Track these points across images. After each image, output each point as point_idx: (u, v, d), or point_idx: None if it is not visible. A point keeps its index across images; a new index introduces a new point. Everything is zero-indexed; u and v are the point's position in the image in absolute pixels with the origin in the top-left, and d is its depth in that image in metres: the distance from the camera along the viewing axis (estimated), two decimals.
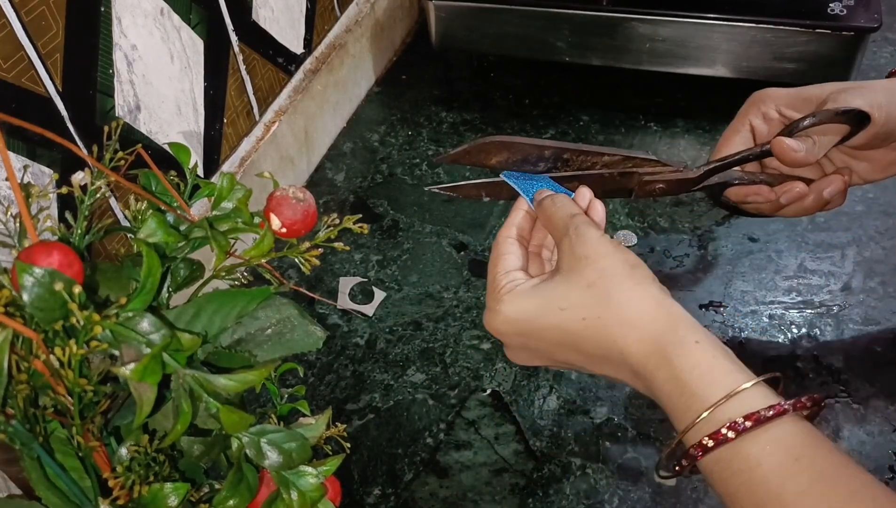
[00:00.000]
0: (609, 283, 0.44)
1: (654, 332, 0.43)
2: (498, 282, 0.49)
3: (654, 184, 0.59)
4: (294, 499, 0.44)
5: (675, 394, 0.42)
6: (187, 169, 0.49)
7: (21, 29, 0.54)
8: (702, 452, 0.40)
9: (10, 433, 0.40)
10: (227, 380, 0.40)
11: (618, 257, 0.45)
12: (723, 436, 0.39)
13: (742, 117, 0.63)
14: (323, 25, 0.96)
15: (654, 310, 0.43)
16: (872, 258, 0.81)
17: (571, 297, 0.45)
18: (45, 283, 0.36)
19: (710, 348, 0.42)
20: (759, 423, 0.38)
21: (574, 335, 0.45)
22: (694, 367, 0.41)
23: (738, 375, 0.41)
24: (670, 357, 0.42)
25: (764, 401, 0.39)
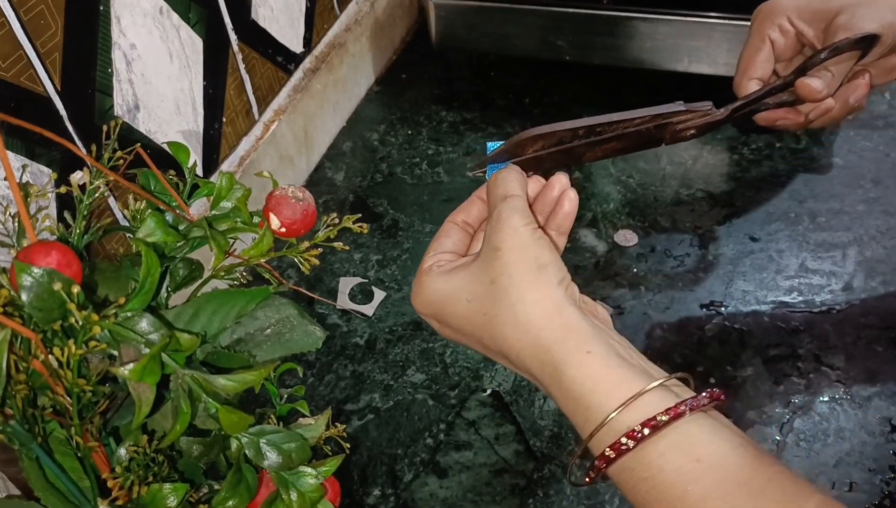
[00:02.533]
0: (509, 282, 0.42)
1: (545, 340, 0.41)
2: (424, 261, 0.48)
3: (685, 131, 0.62)
4: (293, 500, 0.44)
5: (571, 406, 0.41)
6: (186, 168, 0.49)
7: (20, 28, 0.54)
8: (605, 463, 0.39)
9: (9, 434, 0.40)
10: (226, 380, 0.40)
11: (528, 253, 0.43)
12: (623, 445, 0.38)
13: (759, 34, 0.63)
14: (322, 24, 0.96)
15: (548, 317, 0.41)
16: (874, 258, 0.80)
17: (476, 290, 0.44)
18: (43, 283, 0.36)
19: (603, 357, 0.40)
20: (657, 428, 0.37)
21: (476, 327, 0.44)
22: (586, 379, 0.40)
23: (635, 381, 0.39)
24: (562, 370, 0.40)
25: (663, 405, 0.38)
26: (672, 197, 0.89)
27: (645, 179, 0.91)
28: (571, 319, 0.41)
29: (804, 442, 0.67)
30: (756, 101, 0.63)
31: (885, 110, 0.97)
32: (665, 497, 0.37)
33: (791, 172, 0.90)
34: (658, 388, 0.39)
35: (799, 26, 0.61)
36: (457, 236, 0.50)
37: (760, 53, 0.63)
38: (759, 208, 0.87)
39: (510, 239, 0.43)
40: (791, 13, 0.61)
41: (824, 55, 0.58)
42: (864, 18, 0.57)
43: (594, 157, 0.58)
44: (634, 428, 0.38)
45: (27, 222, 0.39)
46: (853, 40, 0.57)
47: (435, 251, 0.48)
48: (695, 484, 0.36)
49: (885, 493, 0.63)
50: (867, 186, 0.88)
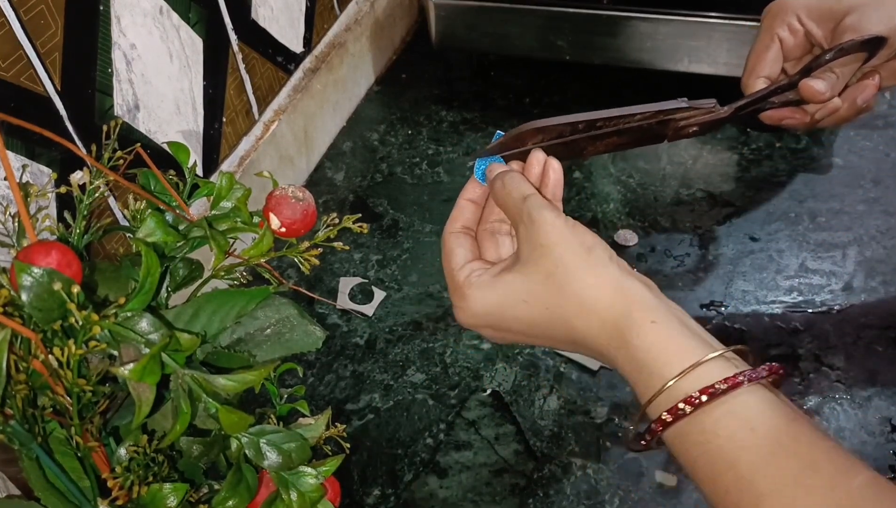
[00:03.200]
0: (565, 272, 0.44)
1: (612, 316, 0.43)
2: (456, 278, 0.49)
3: (687, 128, 0.62)
4: (293, 500, 0.44)
5: (635, 373, 0.42)
6: (186, 168, 0.49)
7: (20, 28, 0.54)
8: (661, 427, 0.41)
9: (9, 434, 0.40)
10: (226, 380, 0.40)
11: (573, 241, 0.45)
12: (680, 410, 0.40)
13: (769, 32, 0.63)
14: (322, 24, 0.96)
15: (611, 294, 0.44)
16: (874, 258, 0.80)
17: (532, 289, 0.45)
18: (43, 283, 0.36)
19: (666, 327, 0.42)
20: (714, 396, 0.39)
21: (542, 323, 0.46)
22: (651, 346, 0.42)
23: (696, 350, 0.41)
24: (627, 339, 0.42)
25: (721, 374, 0.39)
26: (672, 197, 0.89)
27: (645, 179, 0.91)
28: (634, 291, 0.44)
29: None
30: (761, 99, 0.63)
31: (885, 110, 0.97)
32: (717, 462, 0.39)
33: (791, 172, 0.90)
34: (717, 358, 0.40)
35: (808, 25, 0.61)
36: (466, 244, 0.51)
37: (769, 52, 0.63)
38: (759, 208, 0.87)
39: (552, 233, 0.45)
40: (801, 12, 0.61)
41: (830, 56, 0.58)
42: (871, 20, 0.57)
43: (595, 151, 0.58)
44: (692, 394, 0.39)
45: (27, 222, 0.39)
46: (859, 42, 0.57)
47: (460, 265, 0.49)
48: (747, 452, 0.38)
49: None
50: (867, 186, 0.88)
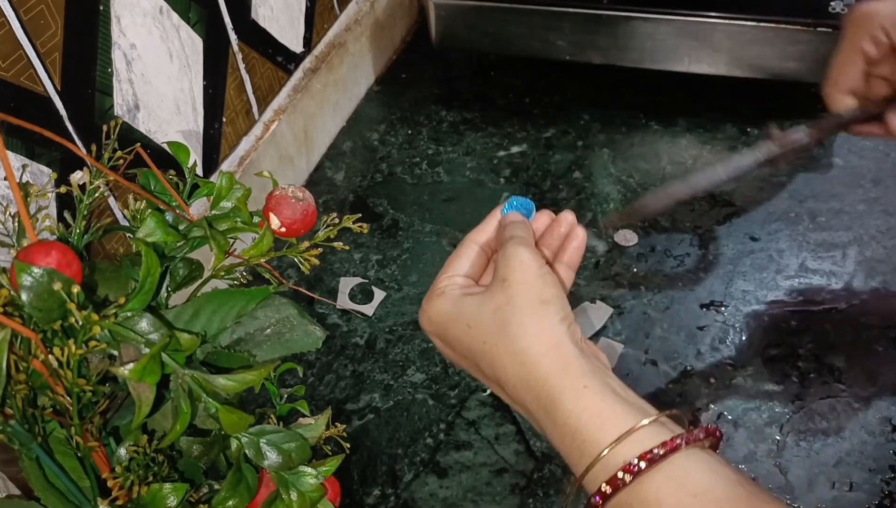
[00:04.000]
0: (511, 313, 0.43)
1: (543, 373, 0.41)
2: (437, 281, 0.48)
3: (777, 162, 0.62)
4: (293, 500, 0.44)
5: (567, 441, 0.40)
6: (186, 168, 0.49)
7: (20, 28, 0.54)
8: (601, 499, 0.39)
9: (9, 434, 0.40)
10: (226, 380, 0.40)
11: (533, 288, 0.44)
12: (620, 480, 0.38)
13: (852, 44, 0.60)
14: (322, 24, 0.96)
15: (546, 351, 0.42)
16: (874, 258, 0.80)
17: (479, 317, 0.44)
18: (43, 282, 0.36)
19: (599, 392, 0.40)
20: (654, 462, 0.37)
21: (475, 354, 0.45)
22: (583, 411, 0.40)
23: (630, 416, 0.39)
24: (557, 402, 0.40)
25: (658, 438, 0.38)
26: None
27: (645, 179, 0.91)
28: (569, 355, 0.41)
29: (804, 442, 0.67)
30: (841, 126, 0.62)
31: None
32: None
33: (791, 172, 0.90)
34: (654, 424, 0.39)
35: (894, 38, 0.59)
36: (475, 258, 0.50)
37: (853, 66, 0.61)
38: (759, 208, 0.87)
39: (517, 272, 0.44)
40: (886, 23, 0.58)
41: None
42: None
43: None
44: (631, 462, 0.38)
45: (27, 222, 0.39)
46: None
47: (452, 273, 0.49)
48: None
49: (885, 493, 0.63)
50: (867, 185, 0.88)
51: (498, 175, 0.94)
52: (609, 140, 0.96)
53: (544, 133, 0.98)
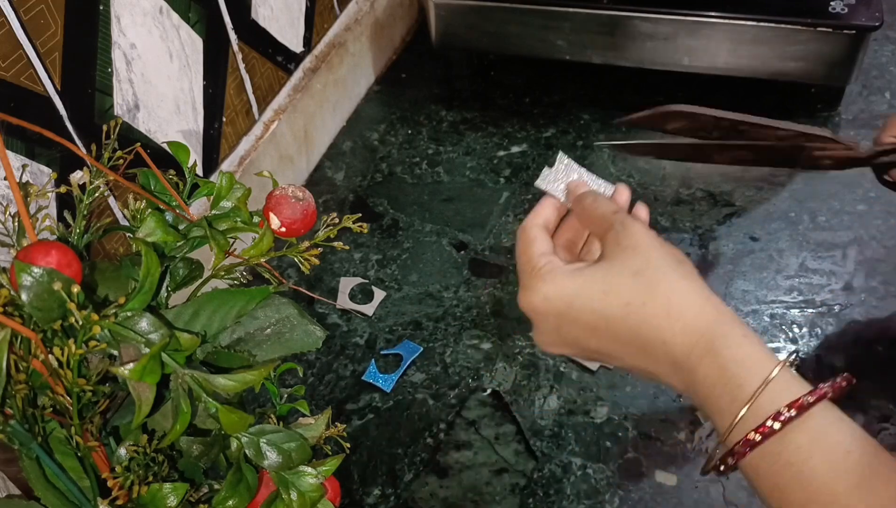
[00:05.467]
0: (656, 273, 0.43)
1: (701, 324, 0.42)
2: (536, 262, 0.47)
3: (822, 159, 0.61)
4: (293, 499, 0.44)
5: (718, 386, 0.41)
6: (186, 168, 0.49)
7: (20, 28, 0.54)
8: (749, 447, 0.39)
9: (9, 433, 0.40)
10: (226, 380, 0.40)
11: (665, 250, 0.44)
12: (769, 429, 0.38)
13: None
14: (322, 24, 0.96)
15: (701, 303, 0.43)
16: (874, 257, 0.80)
17: (616, 282, 0.44)
18: (43, 282, 0.36)
19: (756, 342, 0.41)
20: (803, 410, 0.38)
21: (614, 321, 0.44)
22: (745, 359, 0.40)
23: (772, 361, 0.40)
24: (717, 349, 0.41)
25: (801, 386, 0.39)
26: (672, 197, 0.89)
27: (645, 178, 0.91)
28: (721, 307, 0.43)
29: None
30: None
31: (885, 110, 0.97)
32: (811, 486, 0.37)
33: (791, 172, 0.90)
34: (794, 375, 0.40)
35: None
36: (547, 239, 0.49)
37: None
38: (759, 208, 0.87)
39: (645, 238, 0.45)
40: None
41: None
42: None
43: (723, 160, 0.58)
44: (780, 410, 0.38)
45: (27, 222, 0.39)
46: None
47: (540, 252, 0.48)
48: (844, 477, 0.37)
49: None
50: (867, 185, 0.88)
51: (498, 175, 0.94)
52: (609, 140, 0.96)
53: (544, 133, 0.98)
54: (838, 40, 0.86)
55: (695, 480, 0.65)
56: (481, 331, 0.78)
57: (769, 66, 0.91)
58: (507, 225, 0.88)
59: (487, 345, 0.76)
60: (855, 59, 0.88)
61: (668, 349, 0.43)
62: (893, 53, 1.03)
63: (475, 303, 0.80)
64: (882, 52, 1.03)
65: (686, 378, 0.42)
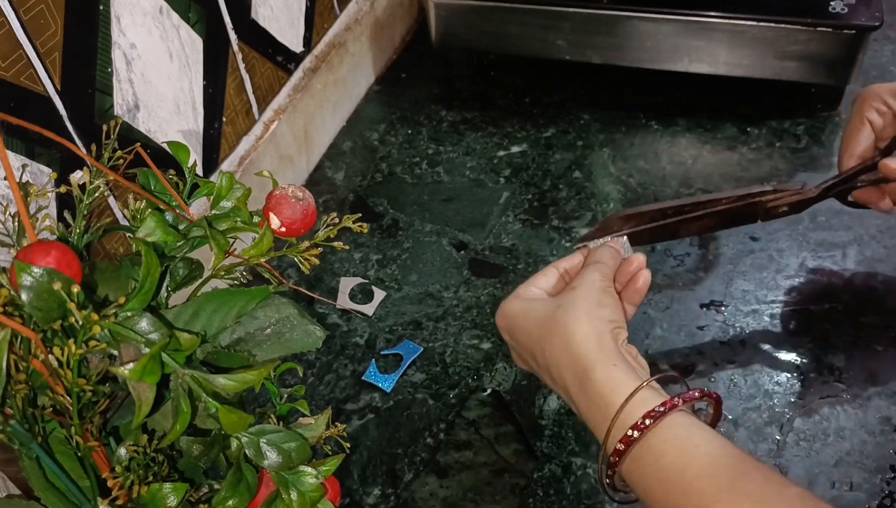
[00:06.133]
0: (570, 307, 0.51)
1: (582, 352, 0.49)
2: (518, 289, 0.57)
3: (777, 208, 0.66)
4: (293, 499, 0.44)
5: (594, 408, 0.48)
6: (186, 168, 0.49)
7: (20, 27, 0.54)
8: (618, 457, 0.46)
9: (9, 433, 0.40)
10: (226, 380, 0.40)
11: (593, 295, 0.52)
12: (631, 437, 0.45)
13: (859, 115, 0.69)
14: (322, 24, 0.96)
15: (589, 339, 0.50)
16: (874, 257, 0.80)
17: (544, 313, 0.53)
18: (43, 282, 0.36)
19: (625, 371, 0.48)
20: (657, 418, 0.45)
21: (534, 342, 0.53)
22: (608, 381, 0.48)
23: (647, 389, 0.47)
24: (590, 373, 0.48)
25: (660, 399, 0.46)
26: (672, 197, 0.89)
27: (645, 179, 0.91)
28: (606, 343, 0.50)
29: (804, 442, 0.67)
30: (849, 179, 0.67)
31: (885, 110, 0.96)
32: (666, 477, 0.44)
33: (791, 172, 0.90)
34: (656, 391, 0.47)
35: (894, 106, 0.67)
36: (553, 279, 0.58)
37: (860, 133, 0.68)
38: None
39: (585, 282, 0.53)
40: (886, 95, 0.67)
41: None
42: None
43: (689, 233, 0.64)
44: (637, 420, 0.45)
45: (27, 222, 0.39)
46: None
47: (530, 285, 0.57)
48: (692, 465, 0.43)
49: (885, 493, 0.63)
50: None
51: (498, 175, 0.94)
52: (609, 140, 0.96)
53: (544, 133, 0.98)
54: (838, 40, 0.86)
55: None
56: (481, 331, 0.78)
57: (769, 66, 0.91)
58: (507, 225, 0.88)
59: (487, 345, 0.76)
60: (854, 59, 0.88)
61: (560, 372, 0.51)
62: (893, 53, 1.03)
63: (475, 303, 0.80)
64: (882, 53, 1.03)
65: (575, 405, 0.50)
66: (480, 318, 0.79)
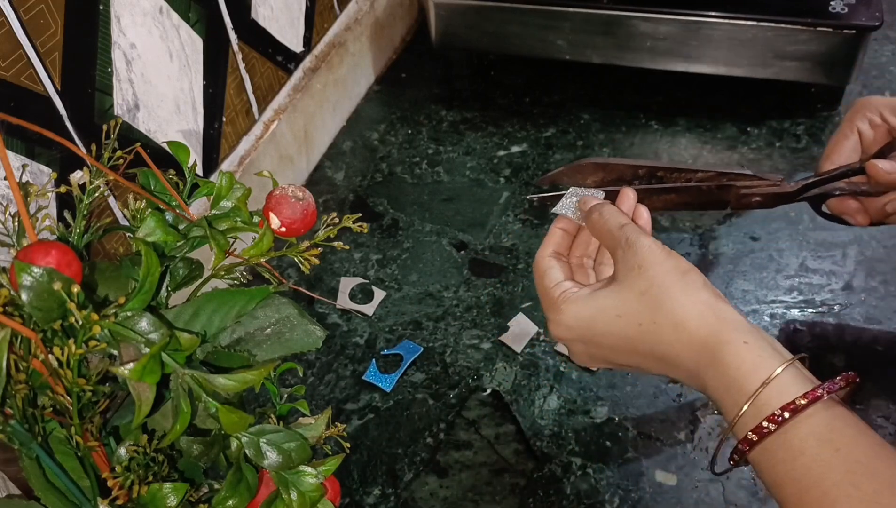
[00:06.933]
0: (660, 291, 0.46)
1: (703, 335, 0.45)
2: (552, 293, 0.51)
3: (750, 197, 0.62)
4: (293, 499, 0.44)
5: (722, 391, 0.44)
6: (186, 168, 0.49)
7: (20, 27, 0.54)
8: (748, 447, 0.42)
9: (9, 433, 0.40)
10: (226, 380, 0.40)
11: (669, 264, 0.47)
12: (765, 429, 0.41)
13: (849, 124, 0.66)
14: (322, 24, 0.96)
15: (703, 314, 0.45)
16: (874, 257, 0.80)
17: (627, 305, 0.47)
18: (43, 282, 0.36)
19: (759, 348, 0.43)
20: (797, 412, 0.40)
21: (632, 340, 0.47)
22: (741, 364, 0.43)
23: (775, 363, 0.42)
24: (719, 357, 0.44)
25: (800, 388, 0.41)
26: None
27: None
28: (726, 313, 0.45)
29: None
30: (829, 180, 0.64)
31: None
32: (803, 481, 0.40)
33: (792, 172, 0.90)
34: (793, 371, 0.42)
35: (891, 121, 0.64)
36: (559, 266, 0.53)
37: (847, 141, 0.66)
38: None
39: (648, 256, 0.47)
40: (883, 109, 0.64)
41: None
42: None
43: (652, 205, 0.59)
44: (775, 412, 0.41)
45: (27, 222, 0.39)
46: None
47: (554, 283, 0.51)
48: (833, 471, 0.39)
49: None
50: None
51: (498, 175, 0.94)
52: (609, 140, 0.96)
53: (544, 133, 0.98)
54: (838, 40, 0.86)
55: (695, 480, 0.65)
56: (481, 331, 0.78)
57: (769, 65, 0.91)
58: (507, 225, 0.88)
59: (487, 345, 0.76)
60: (854, 59, 0.88)
61: (680, 362, 0.46)
62: (893, 53, 1.03)
63: (475, 303, 0.80)
64: (882, 52, 1.03)
65: (700, 385, 0.46)
66: (480, 318, 0.79)
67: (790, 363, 0.42)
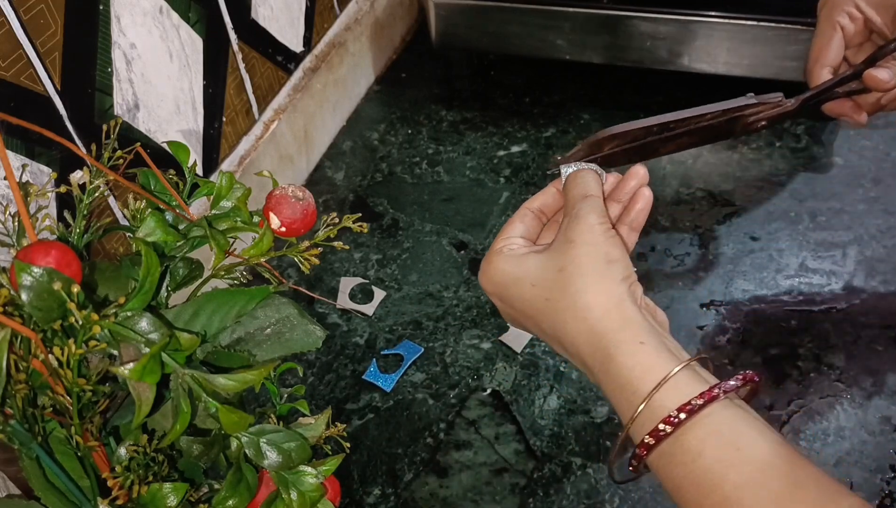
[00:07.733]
0: (576, 271, 0.44)
1: (602, 329, 0.42)
2: (496, 243, 0.49)
3: (756, 123, 0.63)
4: (293, 499, 0.44)
5: (616, 392, 0.42)
6: (186, 168, 0.49)
7: (20, 27, 0.54)
8: (646, 451, 0.40)
9: (9, 433, 0.40)
10: (226, 380, 0.40)
11: (599, 248, 0.44)
12: (661, 432, 0.39)
13: (829, 21, 0.65)
14: (322, 24, 0.96)
15: (608, 308, 0.43)
16: (874, 257, 0.80)
17: (544, 276, 0.45)
18: (43, 282, 0.36)
19: (655, 349, 0.41)
20: (693, 412, 0.38)
21: (540, 312, 0.46)
22: (635, 365, 0.41)
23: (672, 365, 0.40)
24: (613, 355, 0.42)
25: (696, 389, 0.39)
26: (672, 196, 0.89)
27: None
28: (629, 312, 0.43)
29: (804, 442, 0.67)
30: (827, 90, 0.64)
31: None
32: (703, 483, 0.38)
33: (791, 172, 0.90)
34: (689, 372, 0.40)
35: (867, 13, 0.63)
36: (530, 223, 0.51)
37: (832, 41, 0.64)
38: (760, 208, 0.87)
39: (584, 233, 0.45)
40: (860, 1, 0.63)
41: (892, 46, 0.60)
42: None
43: (668, 151, 0.60)
44: (671, 413, 0.39)
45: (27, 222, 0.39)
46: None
47: (508, 235, 0.49)
48: (734, 471, 0.37)
49: (885, 493, 0.63)
50: (867, 185, 0.88)
51: (498, 175, 0.94)
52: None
53: (544, 133, 0.98)
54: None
55: None
56: (481, 331, 0.78)
57: (769, 65, 0.91)
58: None
59: (487, 345, 0.76)
60: None
61: (577, 351, 0.44)
62: None
63: (475, 303, 0.80)
64: None
65: (595, 380, 0.44)
66: (480, 318, 0.79)
67: (686, 363, 0.40)
